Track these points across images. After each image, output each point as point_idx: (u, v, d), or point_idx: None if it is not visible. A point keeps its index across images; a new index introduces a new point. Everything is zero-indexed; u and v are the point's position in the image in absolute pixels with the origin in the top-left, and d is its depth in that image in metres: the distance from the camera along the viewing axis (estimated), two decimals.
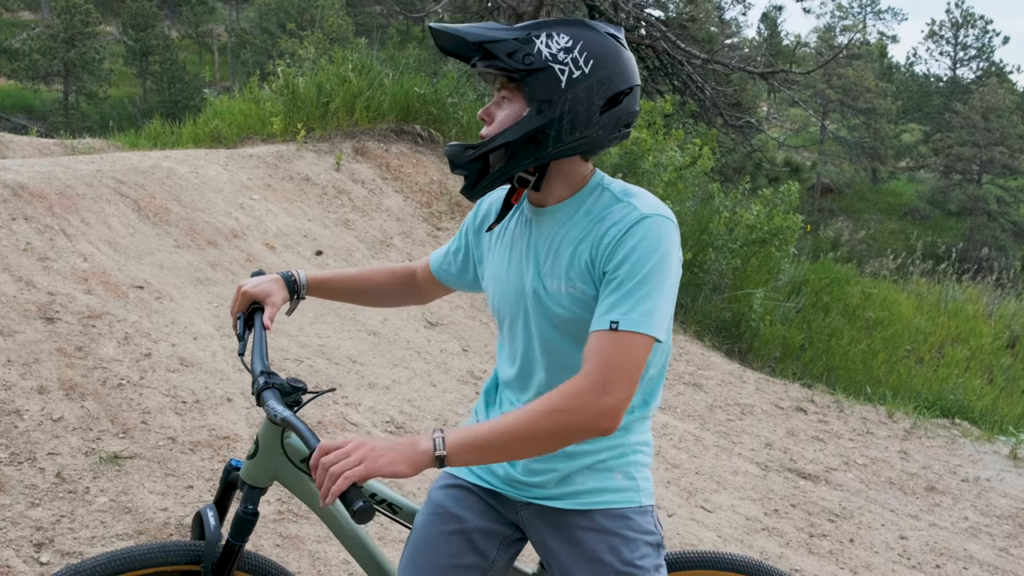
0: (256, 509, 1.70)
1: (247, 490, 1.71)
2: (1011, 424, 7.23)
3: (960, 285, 14.14)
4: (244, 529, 1.68)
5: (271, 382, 1.60)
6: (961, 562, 4.03)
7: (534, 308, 1.57)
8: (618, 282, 1.44)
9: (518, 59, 1.46)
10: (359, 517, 1.29)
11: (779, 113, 27.32)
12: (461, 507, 1.66)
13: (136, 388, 3.66)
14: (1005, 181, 34.17)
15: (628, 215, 1.48)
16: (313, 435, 1.42)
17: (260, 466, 1.70)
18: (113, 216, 5.17)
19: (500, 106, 1.52)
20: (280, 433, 1.69)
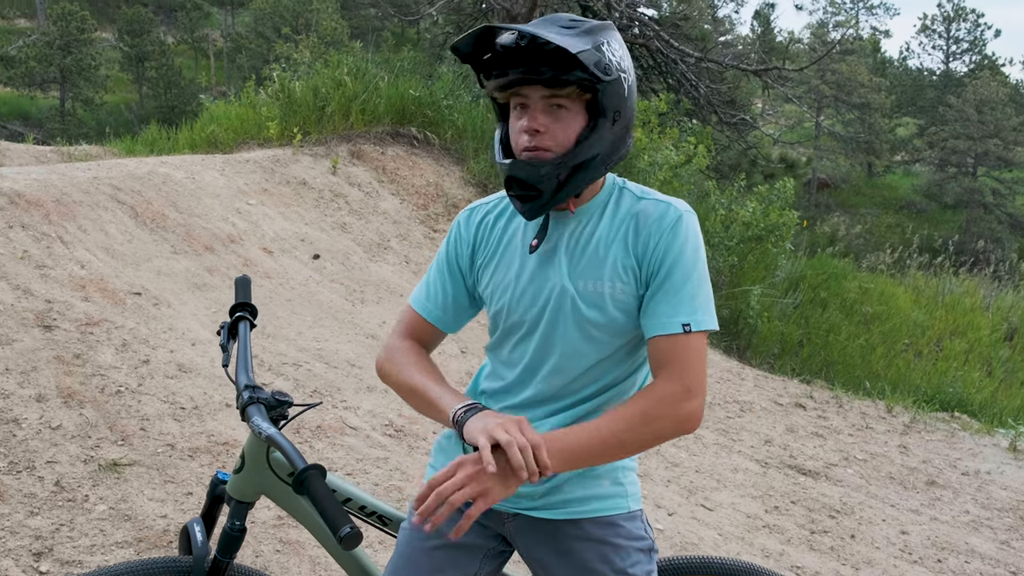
0: (243, 524, 1.67)
1: (234, 505, 1.68)
2: (1010, 416, 7.23)
3: (957, 278, 14.16)
4: (231, 545, 1.65)
5: (255, 397, 1.57)
6: (963, 556, 4.03)
7: (560, 311, 1.52)
8: (674, 283, 1.46)
9: (601, 69, 1.40)
10: (346, 543, 1.27)
11: (774, 110, 27.35)
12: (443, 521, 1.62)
13: (134, 395, 3.66)
14: (1000, 173, 34.22)
15: (666, 214, 1.49)
16: (298, 454, 1.39)
17: (247, 480, 1.67)
18: (110, 223, 5.17)
19: (553, 116, 1.44)
20: (266, 448, 1.66)
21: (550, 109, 1.43)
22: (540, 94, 1.42)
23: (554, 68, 1.39)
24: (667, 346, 1.44)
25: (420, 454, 3.89)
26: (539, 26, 1.42)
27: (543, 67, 1.39)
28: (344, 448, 3.73)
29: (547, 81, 1.40)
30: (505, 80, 1.43)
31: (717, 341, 7.51)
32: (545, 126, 1.43)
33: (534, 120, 1.44)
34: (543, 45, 1.38)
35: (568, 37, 1.39)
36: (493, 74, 1.46)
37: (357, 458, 3.68)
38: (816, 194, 34.26)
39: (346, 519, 1.28)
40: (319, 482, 1.34)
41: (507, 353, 1.63)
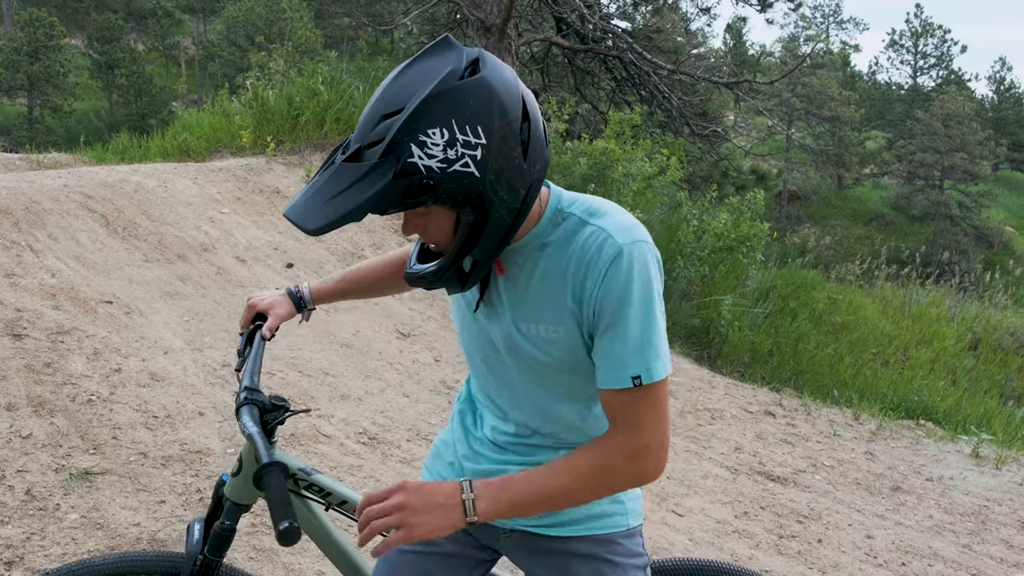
0: (233, 525, 1.69)
1: (229, 506, 1.70)
2: (973, 424, 7.39)
3: (924, 289, 14.42)
4: (221, 545, 1.67)
5: (250, 398, 1.60)
6: (926, 559, 4.11)
7: (512, 359, 1.46)
8: (621, 330, 1.31)
9: (415, 194, 1.21)
10: (283, 537, 1.27)
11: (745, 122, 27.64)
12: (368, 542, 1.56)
13: (106, 404, 3.64)
14: (966, 187, 34.90)
15: (605, 248, 1.31)
16: (265, 451, 1.41)
17: (244, 484, 1.69)
18: (81, 231, 5.14)
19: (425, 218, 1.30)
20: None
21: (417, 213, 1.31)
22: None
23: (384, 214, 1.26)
24: (618, 402, 1.34)
25: (394, 462, 3.91)
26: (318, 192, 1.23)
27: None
28: (318, 456, 3.74)
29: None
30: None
31: (688, 350, 7.59)
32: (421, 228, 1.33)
33: (409, 225, 1.34)
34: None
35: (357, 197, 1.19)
36: None
37: (331, 466, 3.68)
38: (787, 206, 34.70)
39: (288, 515, 1.29)
40: (275, 478, 1.36)
41: (481, 383, 1.61)
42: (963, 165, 34.01)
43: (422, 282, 1.37)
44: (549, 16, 11.21)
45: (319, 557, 3.01)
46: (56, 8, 38.77)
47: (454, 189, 1.22)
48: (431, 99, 1.19)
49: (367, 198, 1.19)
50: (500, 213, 1.27)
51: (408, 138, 1.18)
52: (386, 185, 1.19)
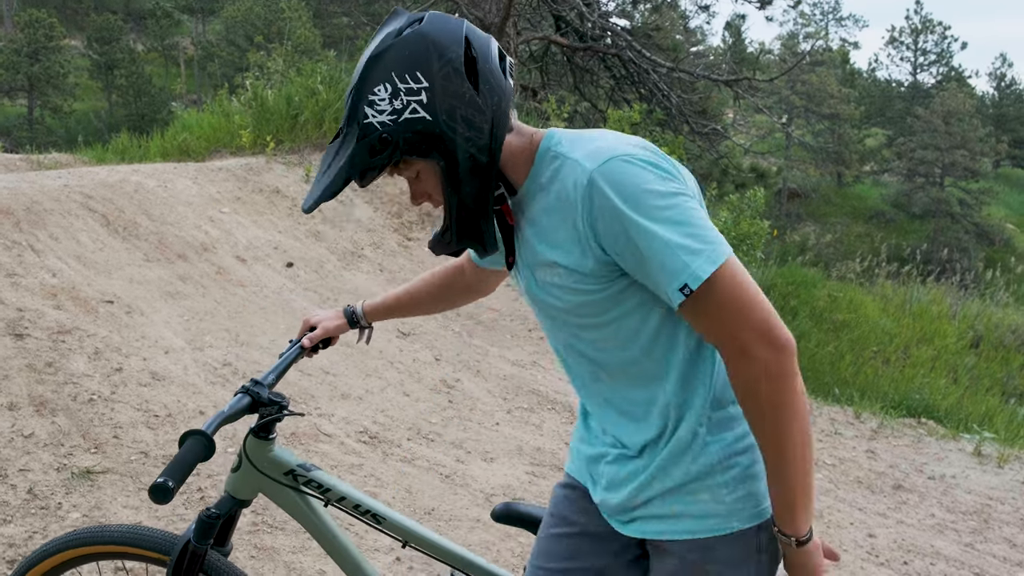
0: (220, 514, 1.68)
1: (224, 497, 1.72)
2: (975, 422, 7.38)
3: (924, 286, 14.40)
4: (206, 532, 1.66)
5: (248, 387, 1.62)
6: (928, 558, 4.11)
7: (538, 307, 1.43)
8: (640, 253, 1.22)
9: (378, 151, 1.29)
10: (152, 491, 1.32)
11: (744, 120, 27.64)
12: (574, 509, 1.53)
13: (107, 403, 3.64)
14: (967, 184, 34.85)
15: (578, 181, 1.26)
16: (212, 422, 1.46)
17: (242, 479, 1.71)
18: (82, 231, 5.14)
19: (417, 179, 1.37)
20: (262, 448, 1.69)
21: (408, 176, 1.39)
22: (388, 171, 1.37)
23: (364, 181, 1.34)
24: (695, 319, 1.24)
25: (395, 461, 3.91)
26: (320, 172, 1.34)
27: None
28: (319, 455, 3.74)
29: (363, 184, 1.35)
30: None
31: None
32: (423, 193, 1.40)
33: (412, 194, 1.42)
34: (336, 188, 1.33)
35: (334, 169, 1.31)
36: None
37: (331, 465, 3.69)
38: (786, 204, 34.68)
39: (173, 476, 1.33)
40: (193, 444, 1.39)
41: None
42: (964, 162, 33.97)
43: (441, 246, 1.41)
44: (548, 14, 11.21)
45: (320, 555, 3.01)
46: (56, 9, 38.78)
47: (413, 138, 1.28)
48: (371, 60, 1.29)
49: (341, 166, 1.29)
50: (469, 151, 1.29)
51: (361, 102, 1.28)
52: (353, 149, 1.29)
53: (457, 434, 4.36)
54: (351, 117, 1.30)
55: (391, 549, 3.13)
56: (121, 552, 1.74)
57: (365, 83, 1.28)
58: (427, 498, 3.62)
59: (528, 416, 4.83)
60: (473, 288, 1.86)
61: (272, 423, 1.68)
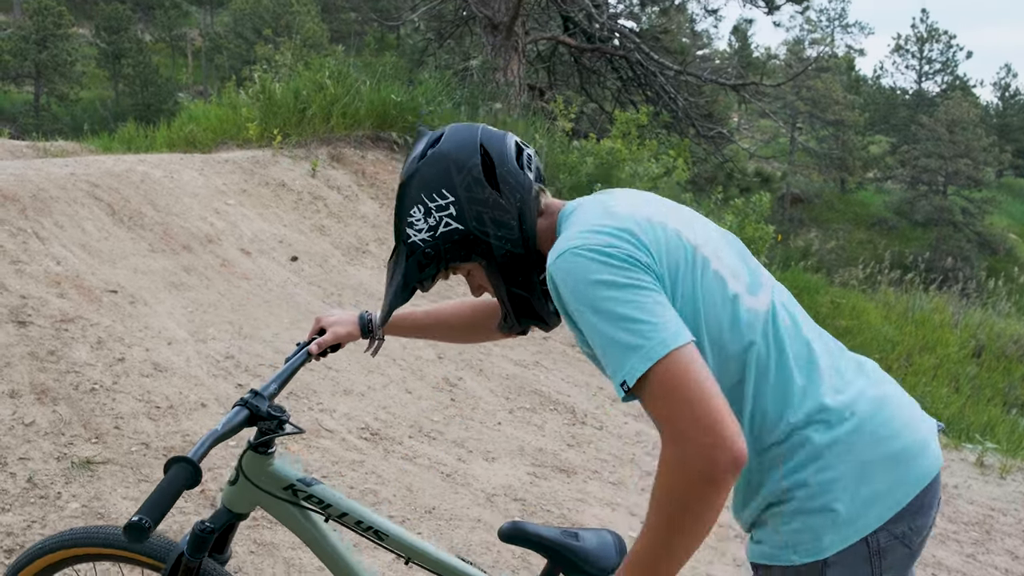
0: (215, 527, 1.61)
1: (221, 509, 1.66)
2: (977, 432, 7.35)
3: (927, 294, 14.38)
4: (200, 546, 1.59)
5: (247, 399, 1.56)
6: (930, 568, 4.09)
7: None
8: (592, 344, 1.28)
9: (425, 264, 1.48)
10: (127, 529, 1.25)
11: (750, 124, 27.65)
12: None
13: (109, 393, 3.63)
14: (970, 193, 34.84)
15: (548, 267, 1.34)
16: (199, 449, 1.39)
17: (239, 493, 1.65)
18: (87, 220, 5.13)
19: (470, 276, 1.55)
20: (260, 463, 1.64)
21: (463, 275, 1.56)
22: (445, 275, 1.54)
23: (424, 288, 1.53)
24: (645, 410, 1.26)
25: (396, 458, 3.90)
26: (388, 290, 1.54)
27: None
28: (320, 450, 3.72)
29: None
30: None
31: None
32: (476, 287, 1.58)
33: (471, 289, 1.60)
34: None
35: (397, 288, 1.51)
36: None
37: (332, 461, 3.67)
38: (789, 209, 34.66)
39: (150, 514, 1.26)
40: (175, 474, 1.33)
41: None
42: (967, 171, 33.95)
43: (507, 329, 1.62)
44: (556, 15, 11.20)
45: None
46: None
47: (452, 247, 1.46)
48: (403, 187, 1.48)
49: (399, 282, 1.50)
50: (504, 247, 1.45)
51: (402, 224, 1.48)
52: (405, 267, 1.49)
53: (459, 433, 4.35)
54: (398, 238, 1.49)
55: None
56: (117, 555, 1.70)
57: (402, 207, 1.47)
58: (428, 496, 3.60)
59: (530, 416, 4.81)
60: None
61: (270, 439, 1.61)
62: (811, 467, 1.33)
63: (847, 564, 1.33)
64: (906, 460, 1.37)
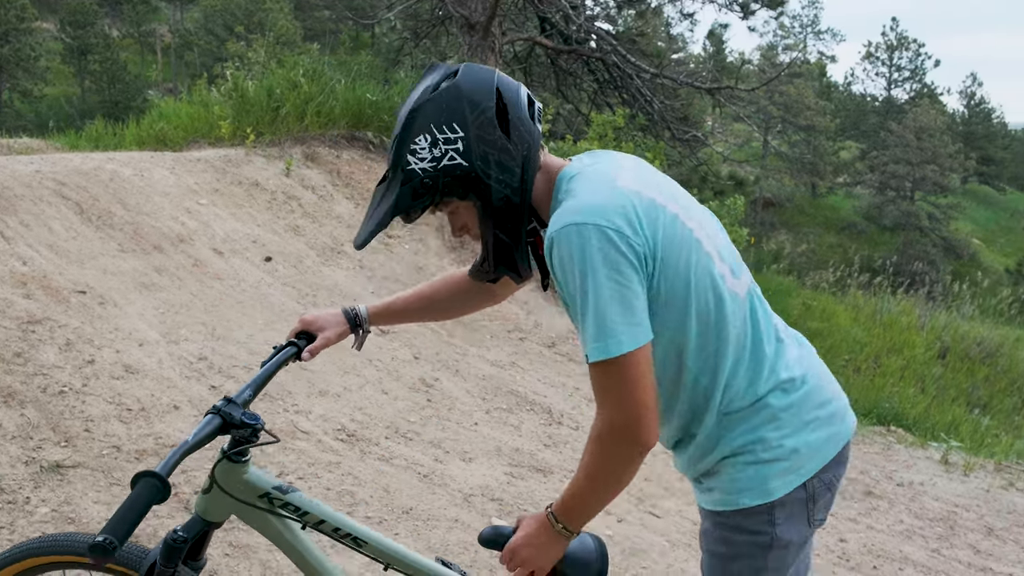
0: (187, 537, 1.57)
1: (194, 518, 1.62)
2: (942, 431, 7.49)
3: (895, 297, 14.59)
4: (171, 556, 1.57)
5: (220, 407, 1.52)
6: (897, 563, 4.15)
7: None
8: (572, 308, 1.43)
9: (420, 194, 1.47)
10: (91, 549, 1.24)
11: (724, 128, 27.83)
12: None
13: (79, 395, 3.57)
14: (936, 198, 35.44)
15: (551, 232, 1.42)
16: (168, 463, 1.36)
17: (213, 502, 1.61)
18: (54, 219, 5.04)
19: (456, 215, 1.55)
20: (234, 472, 1.60)
21: (447, 212, 1.56)
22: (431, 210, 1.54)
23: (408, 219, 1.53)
24: (591, 377, 1.44)
25: (372, 459, 3.87)
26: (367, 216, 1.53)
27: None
28: (295, 452, 3.69)
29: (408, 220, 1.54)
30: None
31: None
32: (461, 227, 1.57)
33: (452, 228, 1.59)
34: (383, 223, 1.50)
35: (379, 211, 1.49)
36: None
37: (308, 462, 3.64)
38: (761, 212, 35.00)
39: (115, 532, 1.24)
40: (141, 491, 1.30)
41: None
42: (933, 177, 34.53)
43: (480, 274, 1.64)
44: (533, 15, 11.20)
45: None
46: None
47: (451, 182, 1.46)
48: (412, 112, 1.47)
49: (388, 207, 1.48)
50: (502, 192, 1.47)
51: (404, 150, 1.46)
52: (398, 193, 1.47)
53: (435, 433, 4.33)
54: (395, 163, 1.48)
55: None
56: (88, 563, 1.66)
57: (408, 133, 1.46)
58: (405, 497, 3.58)
59: (507, 417, 4.80)
60: (486, 294, 1.90)
61: (245, 448, 1.56)
62: (769, 426, 1.54)
63: (789, 505, 1.55)
64: (837, 420, 1.62)
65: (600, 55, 10.85)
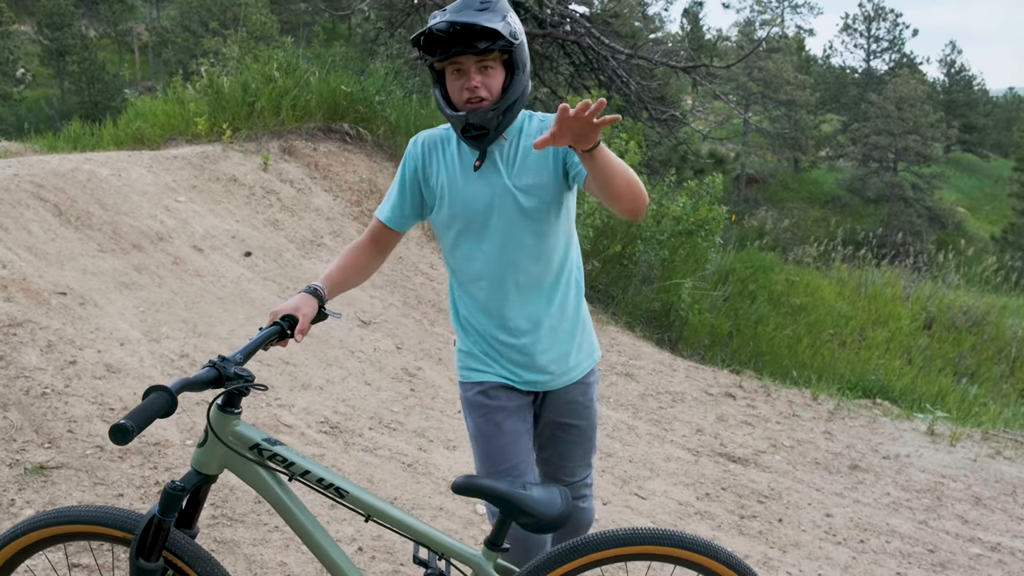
0: (184, 487, 1.71)
1: (190, 472, 1.75)
2: (928, 402, 7.55)
3: (879, 269, 14.66)
4: (170, 505, 1.70)
5: (215, 362, 1.70)
6: (884, 536, 4.20)
7: (504, 205, 2.07)
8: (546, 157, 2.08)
9: (513, 36, 1.96)
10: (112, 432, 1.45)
11: (703, 106, 27.78)
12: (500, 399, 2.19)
13: (61, 396, 3.57)
14: (919, 168, 35.50)
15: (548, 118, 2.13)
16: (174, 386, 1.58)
17: (208, 453, 1.75)
18: (32, 221, 5.02)
19: (486, 75, 1.99)
20: (228, 421, 1.74)
21: (481, 70, 1.99)
22: (473, 61, 1.97)
23: (484, 41, 1.93)
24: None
25: (356, 450, 3.89)
26: (462, 12, 1.95)
27: (476, 42, 1.93)
28: None
29: (480, 51, 1.95)
30: (449, 56, 1.97)
31: (649, 333, 7.65)
32: (480, 83, 1.99)
33: (472, 80, 1.99)
34: (472, 26, 1.91)
35: (486, 15, 1.94)
36: (437, 52, 1.98)
37: None
38: (745, 189, 35.06)
39: (135, 421, 1.47)
40: (155, 397, 1.54)
41: (464, 251, 2.14)
42: (916, 147, 34.58)
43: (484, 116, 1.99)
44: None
45: (281, 547, 2.99)
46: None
47: (517, 55, 2.02)
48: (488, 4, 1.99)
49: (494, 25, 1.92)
50: (524, 83, 2.05)
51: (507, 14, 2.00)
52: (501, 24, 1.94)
53: (419, 423, 4.35)
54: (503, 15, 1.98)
55: (352, 539, 3.12)
56: (86, 532, 1.75)
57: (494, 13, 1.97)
58: (389, 487, 3.61)
59: None
60: (382, 254, 2.30)
61: (237, 397, 1.74)
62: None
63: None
64: None
65: (575, 38, 10.83)
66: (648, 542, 1.83)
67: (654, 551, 1.83)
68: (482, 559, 1.81)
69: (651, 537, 1.83)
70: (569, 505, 1.80)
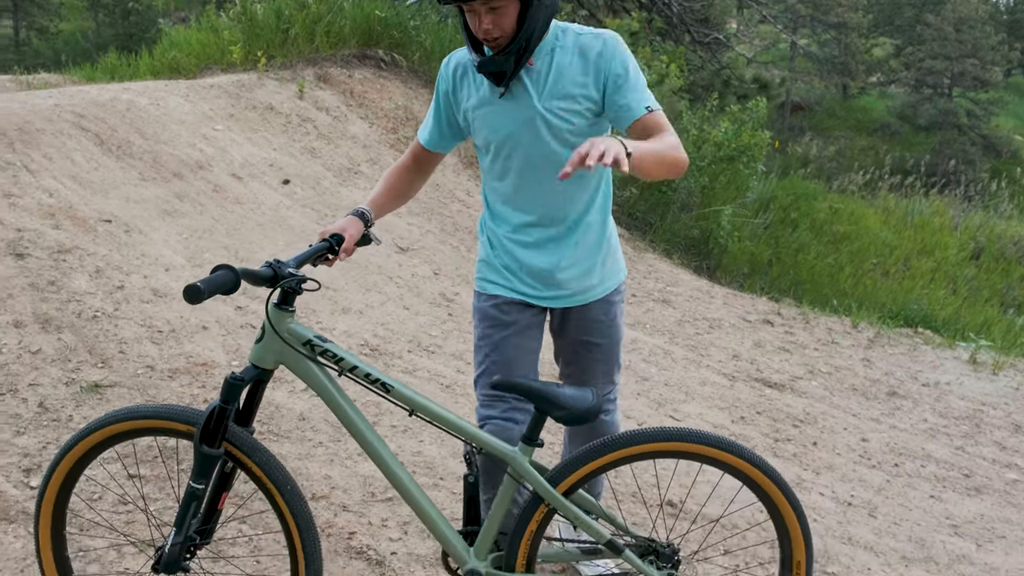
0: (244, 378, 1.84)
1: (248, 367, 1.88)
2: (972, 331, 7.44)
3: (927, 199, 14.32)
4: (231, 394, 1.83)
5: (271, 263, 1.82)
6: (919, 460, 4.21)
7: (535, 127, 2.07)
8: (630, 82, 2.04)
9: None
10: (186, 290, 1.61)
11: (748, 30, 26.91)
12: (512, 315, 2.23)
13: (111, 320, 3.69)
14: (976, 94, 34.11)
15: (607, 38, 2.07)
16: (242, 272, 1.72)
17: (265, 348, 1.88)
18: (76, 151, 5.11)
19: (496, 14, 1.94)
20: (283, 318, 1.86)
21: (490, 10, 1.94)
22: (481, 3, 1.92)
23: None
24: (647, 122, 2.01)
25: (396, 372, 3.98)
26: None
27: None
28: None
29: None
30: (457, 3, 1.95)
31: (687, 260, 7.61)
32: (491, 23, 1.95)
33: (482, 22, 1.96)
34: None
35: None
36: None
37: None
38: (790, 117, 34.15)
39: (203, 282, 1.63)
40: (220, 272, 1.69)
41: (497, 170, 2.18)
42: (973, 71, 33.17)
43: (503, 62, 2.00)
44: None
45: (326, 461, 3.09)
46: None
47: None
48: None
49: None
50: (540, 13, 1.98)
51: None
52: None
53: (456, 346, 4.42)
54: None
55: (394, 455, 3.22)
56: (154, 427, 1.89)
57: None
58: None
59: None
60: (423, 176, 2.37)
61: (292, 296, 1.87)
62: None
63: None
64: None
65: None
66: (676, 439, 1.88)
67: (681, 447, 1.88)
68: (519, 454, 1.89)
69: (679, 435, 1.88)
70: (600, 401, 1.89)
